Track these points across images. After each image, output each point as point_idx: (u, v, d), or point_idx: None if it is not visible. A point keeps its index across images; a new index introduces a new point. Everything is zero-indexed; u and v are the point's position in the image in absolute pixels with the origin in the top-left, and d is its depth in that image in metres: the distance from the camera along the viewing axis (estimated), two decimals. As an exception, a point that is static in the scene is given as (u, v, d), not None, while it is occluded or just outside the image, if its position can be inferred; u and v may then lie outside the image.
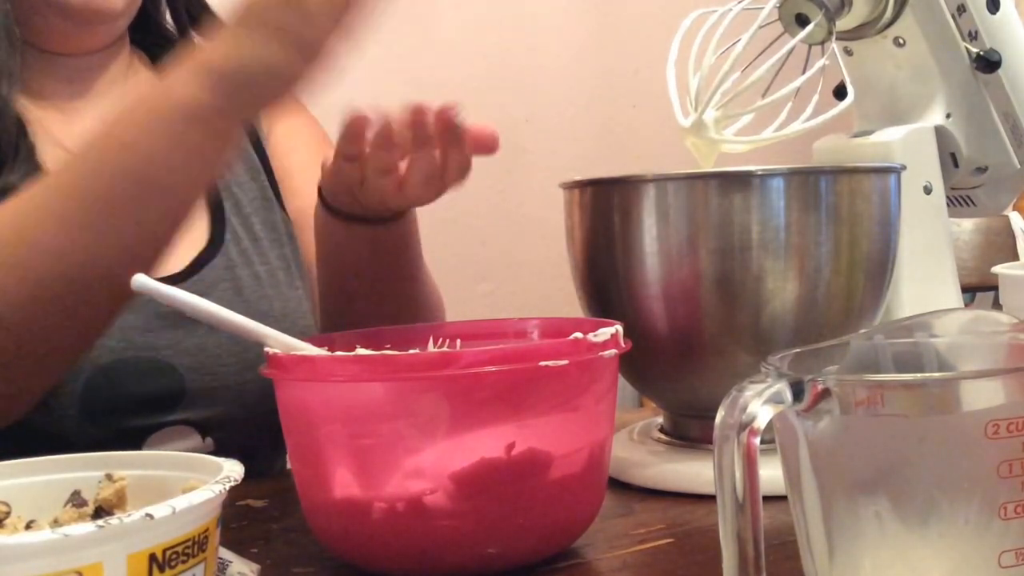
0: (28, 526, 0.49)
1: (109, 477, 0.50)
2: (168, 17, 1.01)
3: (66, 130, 0.92)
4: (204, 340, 0.89)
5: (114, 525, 0.39)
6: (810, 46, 0.87)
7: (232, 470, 0.46)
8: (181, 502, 0.41)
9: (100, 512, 0.49)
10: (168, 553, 0.41)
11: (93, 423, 0.84)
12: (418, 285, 0.92)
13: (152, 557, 0.40)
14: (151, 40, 1.02)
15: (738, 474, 0.42)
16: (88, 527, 0.38)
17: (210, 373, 0.90)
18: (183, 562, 0.42)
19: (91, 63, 0.95)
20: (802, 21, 0.83)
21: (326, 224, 0.87)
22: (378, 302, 0.89)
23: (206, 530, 0.44)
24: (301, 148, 1.04)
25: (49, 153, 0.89)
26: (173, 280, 0.89)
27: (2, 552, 0.37)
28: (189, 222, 0.72)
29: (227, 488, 0.44)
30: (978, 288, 1.78)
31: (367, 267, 0.88)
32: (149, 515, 0.40)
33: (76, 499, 0.50)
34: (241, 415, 0.91)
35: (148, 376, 0.86)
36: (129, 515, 0.39)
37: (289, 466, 0.72)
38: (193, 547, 0.42)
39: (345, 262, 0.89)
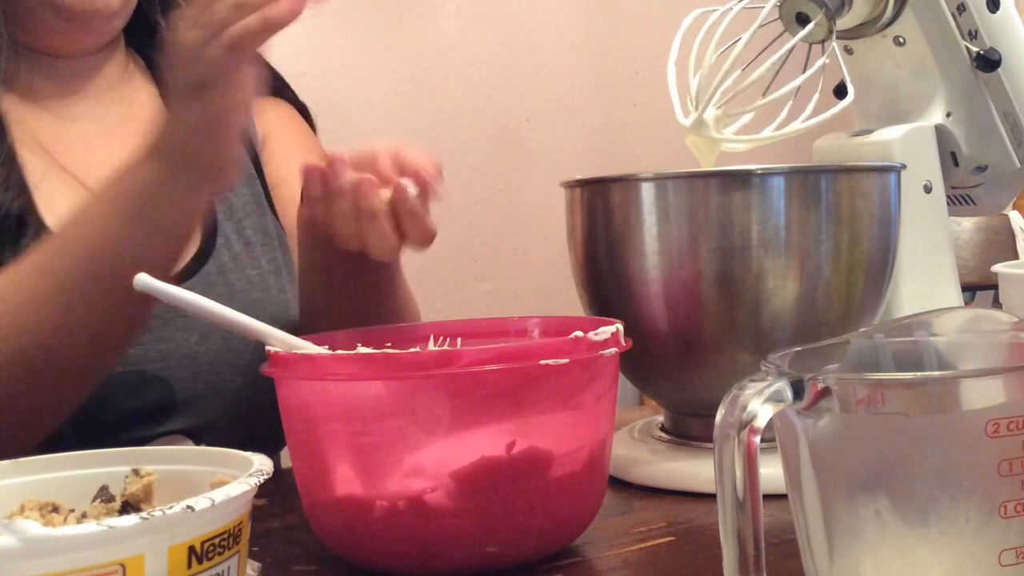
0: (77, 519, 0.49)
1: (136, 472, 0.50)
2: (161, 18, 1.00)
3: (56, 131, 0.92)
4: (196, 349, 0.88)
5: (157, 517, 0.39)
6: (810, 45, 0.87)
7: (263, 464, 0.46)
8: (219, 495, 0.42)
9: (127, 507, 0.49)
10: (206, 545, 0.42)
11: (86, 439, 0.82)
12: (393, 301, 0.91)
13: (191, 549, 0.41)
14: (148, 42, 1.01)
15: (738, 472, 0.42)
16: (132, 519, 0.39)
17: (202, 382, 0.90)
18: (219, 554, 0.42)
19: (84, 65, 0.95)
20: (802, 20, 0.83)
21: (303, 242, 0.89)
22: (351, 315, 0.87)
23: (240, 523, 0.44)
24: (293, 159, 1.03)
25: (31, 154, 0.89)
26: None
27: (49, 544, 0.38)
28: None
29: (261, 481, 0.44)
30: (978, 287, 1.78)
31: (342, 284, 0.88)
32: (190, 507, 0.40)
33: (104, 494, 0.50)
34: (233, 419, 0.91)
35: (139, 390, 0.86)
36: (171, 507, 0.40)
37: (284, 466, 0.72)
38: (229, 539, 0.43)
39: (319, 278, 0.90)
